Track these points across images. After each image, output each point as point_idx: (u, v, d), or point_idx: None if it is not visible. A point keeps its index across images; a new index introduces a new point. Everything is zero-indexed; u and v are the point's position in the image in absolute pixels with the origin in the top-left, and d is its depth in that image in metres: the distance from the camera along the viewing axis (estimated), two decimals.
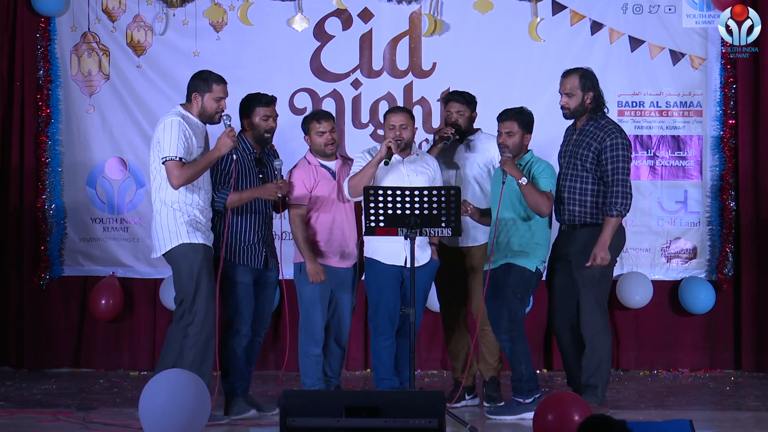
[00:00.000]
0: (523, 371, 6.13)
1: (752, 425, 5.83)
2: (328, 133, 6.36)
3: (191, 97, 6.01)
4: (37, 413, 6.19)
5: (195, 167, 5.86)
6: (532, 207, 6.08)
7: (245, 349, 6.18)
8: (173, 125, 5.87)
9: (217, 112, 6.01)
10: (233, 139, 5.90)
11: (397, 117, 6.32)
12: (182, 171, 5.82)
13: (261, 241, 6.20)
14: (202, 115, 6.01)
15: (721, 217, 7.99)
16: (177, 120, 5.89)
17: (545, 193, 6.09)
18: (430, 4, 8.04)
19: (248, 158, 6.18)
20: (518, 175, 6.04)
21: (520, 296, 6.15)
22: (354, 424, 4.54)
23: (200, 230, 5.94)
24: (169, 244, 5.92)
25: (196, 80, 6.03)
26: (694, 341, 8.12)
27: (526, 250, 6.16)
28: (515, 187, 6.12)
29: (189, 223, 5.91)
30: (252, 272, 6.17)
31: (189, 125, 5.91)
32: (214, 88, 5.99)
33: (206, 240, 5.96)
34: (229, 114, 6.04)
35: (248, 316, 6.14)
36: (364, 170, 6.18)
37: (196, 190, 5.95)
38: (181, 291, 5.95)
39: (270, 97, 6.25)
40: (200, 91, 5.99)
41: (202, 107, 5.99)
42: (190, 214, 5.92)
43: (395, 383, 6.26)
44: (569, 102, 6.29)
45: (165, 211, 5.93)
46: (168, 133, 5.86)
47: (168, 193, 5.91)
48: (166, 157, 5.84)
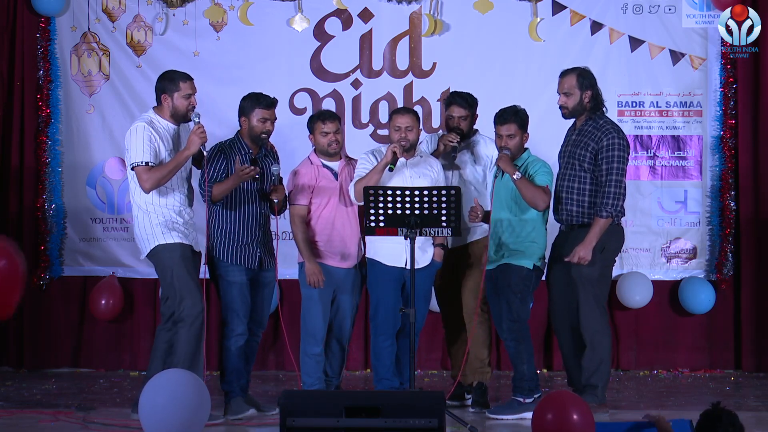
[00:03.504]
0: (525, 371, 6.15)
1: (752, 425, 5.82)
2: (332, 134, 6.36)
3: (161, 99, 6.05)
4: (37, 413, 6.19)
5: (163, 169, 5.91)
6: (528, 201, 6.09)
7: (242, 348, 6.18)
8: (137, 131, 5.93)
9: (188, 109, 6.04)
10: (201, 136, 5.90)
11: (404, 118, 6.31)
12: (150, 174, 5.88)
13: (255, 242, 6.20)
14: (174, 115, 6.04)
15: (721, 217, 8.00)
16: (142, 125, 5.94)
17: (541, 188, 6.10)
18: (430, 4, 8.04)
19: (243, 158, 6.18)
20: (512, 170, 6.05)
21: (520, 296, 6.15)
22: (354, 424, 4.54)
23: (176, 230, 5.98)
24: (148, 246, 6.01)
25: (163, 81, 6.07)
26: (694, 341, 8.12)
27: (522, 248, 6.16)
28: (510, 185, 6.12)
29: (164, 224, 5.97)
30: (246, 272, 6.17)
31: (155, 129, 5.96)
32: (181, 86, 6.02)
33: (183, 238, 6.00)
34: (198, 112, 6.05)
35: (244, 315, 6.15)
36: (370, 176, 6.17)
37: (170, 192, 6.00)
38: (164, 290, 6.04)
39: (271, 100, 6.24)
40: (169, 91, 6.02)
41: (174, 107, 6.02)
42: (164, 215, 5.98)
43: (395, 383, 6.26)
44: (567, 101, 6.30)
45: (141, 215, 6.01)
46: (134, 139, 5.92)
47: (142, 197, 5.99)
48: (133, 163, 5.91)
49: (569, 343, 6.35)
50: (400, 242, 5.93)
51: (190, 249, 6.05)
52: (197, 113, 6.03)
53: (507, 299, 6.14)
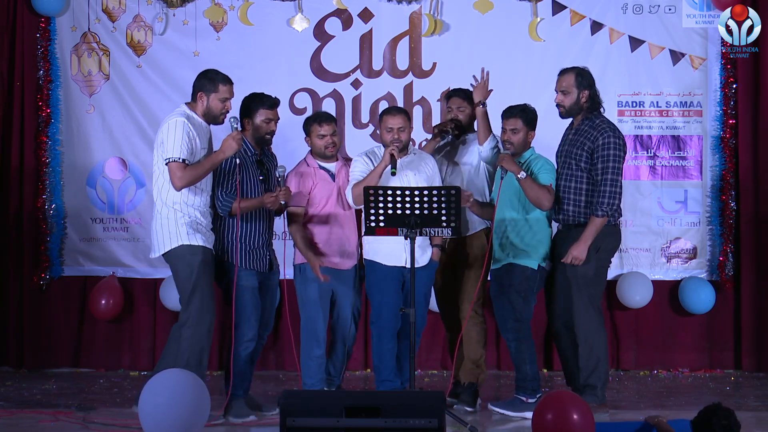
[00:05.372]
0: (528, 371, 6.18)
1: (752, 425, 5.83)
2: (329, 136, 6.35)
3: (197, 96, 5.99)
4: (37, 413, 6.19)
5: (198, 169, 5.85)
6: (533, 201, 6.10)
7: (250, 354, 6.16)
8: (177, 126, 5.84)
9: (222, 113, 5.99)
10: (239, 141, 5.86)
11: (395, 119, 6.28)
12: (185, 173, 5.81)
13: (265, 245, 6.20)
14: (206, 115, 5.99)
15: (722, 217, 8.00)
16: (182, 120, 5.86)
17: (545, 187, 6.11)
18: (430, 4, 8.04)
19: (249, 159, 6.17)
20: (516, 170, 6.07)
21: (523, 296, 6.17)
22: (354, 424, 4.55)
23: (200, 232, 5.93)
24: (169, 244, 5.92)
25: (203, 79, 6.00)
26: (694, 341, 8.12)
27: (527, 248, 6.18)
28: (515, 184, 6.13)
29: (189, 224, 5.90)
30: (258, 276, 6.16)
31: (193, 126, 5.89)
32: (220, 89, 5.97)
33: (206, 242, 5.96)
34: (236, 116, 6.02)
35: (255, 321, 6.11)
36: (369, 179, 6.15)
37: (198, 192, 5.95)
38: (181, 292, 5.97)
39: (274, 100, 6.23)
40: (206, 90, 5.97)
41: (208, 107, 5.97)
42: (191, 216, 5.91)
43: (397, 384, 6.24)
44: (564, 100, 6.31)
45: (166, 212, 5.92)
46: (172, 133, 5.83)
47: (170, 194, 5.90)
48: (169, 158, 5.82)
49: (567, 343, 6.35)
50: (400, 242, 5.93)
51: (211, 254, 6.00)
52: (235, 118, 6.00)
53: (510, 299, 6.15)
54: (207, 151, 6.00)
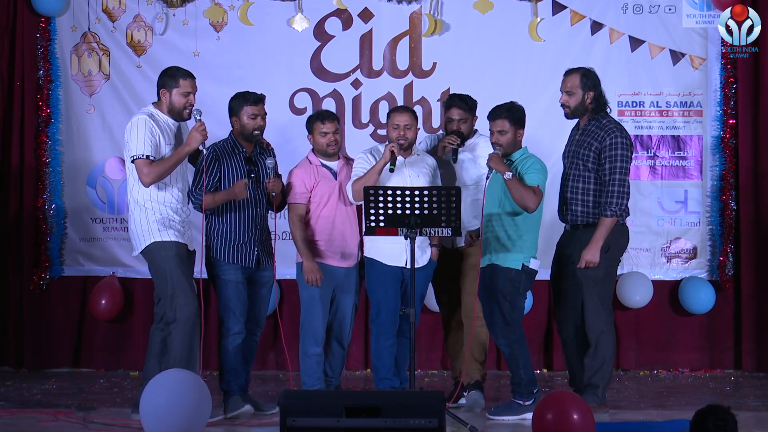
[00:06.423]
0: (522, 375, 6.11)
1: (752, 425, 5.83)
2: (331, 134, 6.36)
3: (159, 93, 6.06)
4: (37, 413, 6.19)
5: (164, 164, 5.91)
6: (517, 201, 6.01)
7: (239, 347, 6.17)
8: (138, 123, 5.93)
9: (185, 107, 6.04)
10: (202, 133, 5.92)
11: (402, 117, 6.32)
12: (151, 168, 5.87)
13: (251, 241, 6.19)
14: (171, 111, 6.05)
15: (722, 217, 7.99)
16: (143, 118, 5.94)
17: (531, 188, 6.01)
18: (430, 4, 8.04)
19: (237, 157, 6.19)
20: (503, 169, 6.00)
21: (509, 299, 6.08)
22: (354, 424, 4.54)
23: (173, 228, 5.99)
24: (143, 242, 6.00)
25: (164, 77, 6.08)
26: (694, 341, 8.12)
27: (510, 247, 6.08)
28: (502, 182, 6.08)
29: (160, 221, 5.96)
30: (243, 271, 6.17)
31: (156, 123, 5.96)
32: (181, 84, 6.02)
33: (179, 237, 6.00)
34: (199, 109, 6.06)
35: (240, 314, 6.14)
36: (368, 175, 6.17)
37: (168, 188, 6.00)
38: (158, 289, 6.03)
39: (257, 96, 6.24)
40: (168, 87, 6.04)
41: (171, 103, 6.03)
42: (162, 213, 5.97)
43: (395, 383, 6.26)
44: (569, 100, 6.30)
45: (138, 211, 6.00)
46: (134, 132, 5.92)
47: (140, 192, 5.97)
48: (134, 155, 5.90)
49: (573, 344, 6.33)
50: (400, 242, 5.92)
51: (185, 248, 6.05)
52: (198, 110, 6.04)
53: (498, 303, 6.10)
54: (174, 147, 6.03)
